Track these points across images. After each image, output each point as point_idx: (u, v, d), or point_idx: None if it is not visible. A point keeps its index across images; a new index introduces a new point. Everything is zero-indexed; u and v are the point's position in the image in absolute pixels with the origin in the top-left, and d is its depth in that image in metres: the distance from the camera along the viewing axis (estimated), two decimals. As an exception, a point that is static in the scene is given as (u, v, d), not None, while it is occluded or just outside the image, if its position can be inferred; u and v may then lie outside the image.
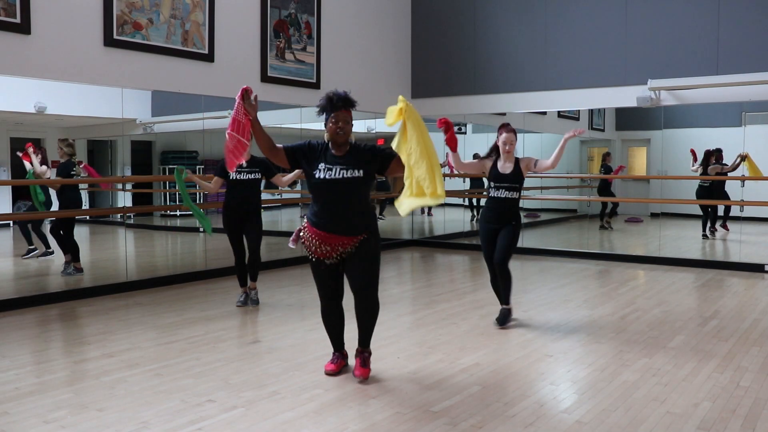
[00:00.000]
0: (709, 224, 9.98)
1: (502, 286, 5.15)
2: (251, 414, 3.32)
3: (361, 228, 3.71)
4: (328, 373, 3.91)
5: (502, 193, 5.05)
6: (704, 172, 9.46)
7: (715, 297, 6.54)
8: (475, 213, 12.25)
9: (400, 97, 3.50)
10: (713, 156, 9.42)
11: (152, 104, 8.04)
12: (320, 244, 3.70)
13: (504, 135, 5.02)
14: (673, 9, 7.92)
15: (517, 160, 5.07)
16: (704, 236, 9.97)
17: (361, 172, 3.67)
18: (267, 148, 3.71)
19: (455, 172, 11.36)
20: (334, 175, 3.64)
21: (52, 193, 7.21)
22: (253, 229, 5.74)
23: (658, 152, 10.00)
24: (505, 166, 5.05)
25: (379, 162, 3.73)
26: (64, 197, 6.97)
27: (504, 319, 5.13)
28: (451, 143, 4.29)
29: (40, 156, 7.04)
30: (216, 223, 6.52)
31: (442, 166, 11.25)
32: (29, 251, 7.84)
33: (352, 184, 3.65)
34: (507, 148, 5.02)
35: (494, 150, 5.14)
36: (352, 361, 4.08)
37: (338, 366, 3.95)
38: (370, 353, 3.94)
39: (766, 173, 8.63)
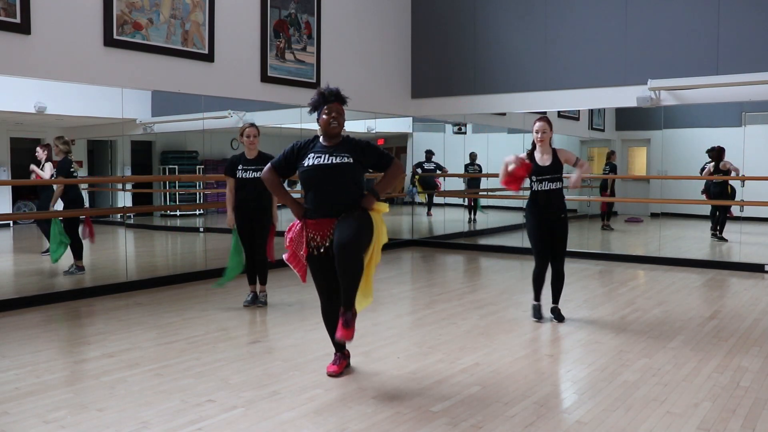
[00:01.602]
0: (718, 225, 9.90)
1: (557, 286, 5.28)
2: (251, 414, 3.32)
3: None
4: (331, 375, 3.89)
5: (545, 185, 5.06)
6: (716, 167, 9.38)
7: (715, 297, 6.54)
8: (472, 215, 12.16)
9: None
10: (723, 152, 9.37)
11: (152, 104, 8.04)
12: (313, 234, 3.70)
13: (537, 124, 5.06)
14: (673, 9, 7.91)
15: (554, 151, 5.09)
16: (713, 235, 9.91)
17: (351, 158, 3.67)
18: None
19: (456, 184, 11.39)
20: (323, 161, 3.66)
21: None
22: (258, 232, 5.70)
23: (658, 152, 10.00)
24: (543, 159, 5.07)
25: (373, 156, 3.76)
26: (67, 196, 6.98)
27: (561, 316, 5.30)
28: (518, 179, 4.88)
29: (47, 164, 6.99)
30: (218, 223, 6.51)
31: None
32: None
33: (342, 170, 3.65)
34: (539, 136, 5.03)
35: (533, 146, 5.17)
36: (353, 361, 4.08)
37: (341, 367, 3.94)
38: (353, 314, 3.61)
39: (766, 173, 8.63)
